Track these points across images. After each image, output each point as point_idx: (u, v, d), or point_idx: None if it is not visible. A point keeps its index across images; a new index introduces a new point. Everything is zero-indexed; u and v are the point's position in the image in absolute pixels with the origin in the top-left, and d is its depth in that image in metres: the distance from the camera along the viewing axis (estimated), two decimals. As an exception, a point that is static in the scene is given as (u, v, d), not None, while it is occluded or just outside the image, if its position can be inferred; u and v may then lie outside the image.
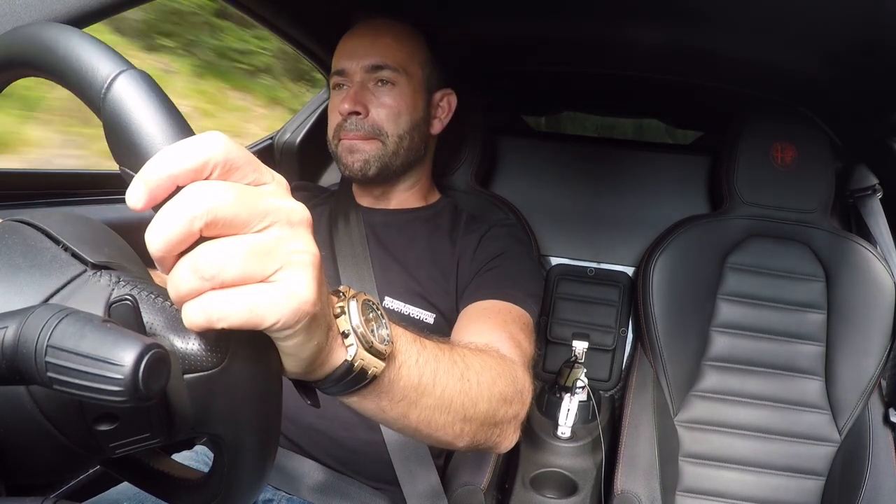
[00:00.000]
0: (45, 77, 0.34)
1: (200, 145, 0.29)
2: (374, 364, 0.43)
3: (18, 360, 0.27)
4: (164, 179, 0.29)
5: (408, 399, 0.49)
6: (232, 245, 0.30)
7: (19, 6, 0.52)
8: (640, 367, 1.29)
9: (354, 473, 0.88)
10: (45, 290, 0.33)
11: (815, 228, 1.26)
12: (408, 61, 0.94)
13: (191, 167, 0.29)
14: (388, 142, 0.92)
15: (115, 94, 0.30)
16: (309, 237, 0.34)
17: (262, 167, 0.32)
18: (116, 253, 0.37)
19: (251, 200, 0.30)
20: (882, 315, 1.20)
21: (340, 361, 0.41)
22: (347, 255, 0.93)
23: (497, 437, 0.63)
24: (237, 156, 0.30)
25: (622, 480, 1.09)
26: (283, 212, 0.32)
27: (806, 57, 1.14)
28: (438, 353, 0.53)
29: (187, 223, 0.28)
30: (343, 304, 0.42)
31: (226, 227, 0.30)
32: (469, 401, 0.55)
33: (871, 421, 1.19)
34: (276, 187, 0.33)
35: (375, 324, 0.44)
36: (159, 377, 0.27)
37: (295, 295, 0.32)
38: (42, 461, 0.34)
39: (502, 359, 0.66)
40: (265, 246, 0.31)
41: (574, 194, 1.53)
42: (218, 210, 0.29)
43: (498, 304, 0.83)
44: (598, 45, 1.30)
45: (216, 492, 0.39)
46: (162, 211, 0.29)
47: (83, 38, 0.32)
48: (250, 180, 0.31)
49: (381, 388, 0.46)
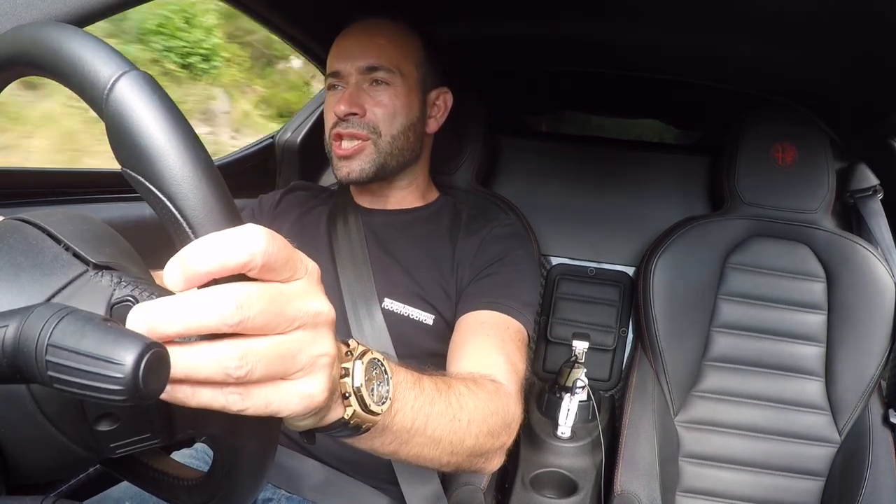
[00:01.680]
0: (47, 76, 0.34)
1: (244, 245, 0.30)
2: (370, 420, 0.45)
3: (19, 358, 0.27)
4: (203, 274, 0.29)
5: (399, 439, 0.52)
6: (260, 348, 0.31)
7: (20, 5, 0.52)
8: (640, 367, 1.29)
9: (355, 473, 0.88)
10: (47, 290, 0.33)
11: (815, 229, 1.26)
12: (402, 61, 0.94)
13: (231, 267, 0.29)
14: (382, 142, 0.92)
15: (117, 94, 0.30)
16: (330, 338, 0.36)
17: (298, 262, 0.33)
18: (117, 252, 0.37)
19: (282, 308, 0.31)
20: (882, 315, 1.20)
21: (337, 418, 0.43)
22: (346, 256, 0.93)
23: (482, 463, 0.66)
24: (277, 255, 0.31)
25: (622, 480, 1.08)
26: (310, 314, 0.33)
27: (806, 57, 1.14)
28: (434, 396, 0.56)
29: (216, 325, 0.29)
30: (348, 366, 0.43)
31: (254, 333, 0.31)
32: (457, 438, 0.58)
33: (872, 422, 1.19)
34: (307, 284, 0.34)
35: (377, 381, 0.46)
36: (159, 377, 0.27)
37: (309, 396, 0.34)
38: (42, 461, 0.34)
39: (496, 392, 0.68)
40: (290, 350, 0.32)
41: (575, 194, 1.53)
42: (250, 321, 0.30)
43: (495, 316, 0.84)
44: (599, 45, 1.30)
45: (216, 490, 0.39)
46: (193, 301, 0.29)
47: (86, 38, 0.32)
48: (286, 276, 0.32)
49: (375, 433, 0.48)
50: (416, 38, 0.97)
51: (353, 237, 0.95)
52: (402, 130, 0.94)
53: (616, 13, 1.13)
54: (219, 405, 0.31)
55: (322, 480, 0.87)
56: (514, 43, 1.35)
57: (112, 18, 0.59)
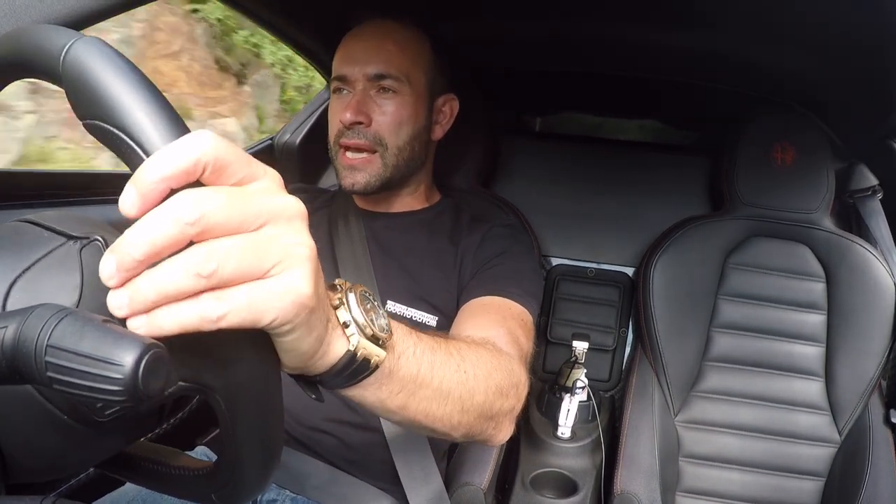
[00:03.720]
0: (12, 75, 0.36)
1: (190, 146, 0.29)
2: (376, 353, 0.43)
3: (18, 359, 0.27)
4: (156, 183, 0.29)
5: (407, 390, 0.49)
6: (228, 243, 0.30)
7: (19, 6, 0.52)
8: (640, 368, 1.29)
9: (358, 473, 0.89)
10: (25, 262, 0.34)
11: (815, 229, 1.26)
12: (411, 69, 0.92)
13: (182, 169, 0.29)
14: (388, 153, 0.91)
15: (71, 55, 0.32)
16: (304, 230, 0.33)
17: (254, 162, 0.32)
18: (101, 230, 0.38)
19: (243, 202, 0.30)
20: (882, 316, 1.20)
21: (343, 352, 0.41)
22: (348, 259, 0.93)
23: (493, 429, 0.63)
24: (227, 154, 0.30)
25: (622, 481, 1.08)
26: (277, 208, 0.32)
27: (806, 57, 1.14)
28: (434, 345, 0.54)
29: (179, 230, 0.28)
30: (341, 296, 0.42)
31: (219, 231, 0.29)
32: (466, 392, 0.56)
33: (872, 422, 1.19)
34: (269, 182, 0.32)
35: (374, 314, 0.44)
36: (159, 377, 0.27)
37: (293, 289, 0.32)
38: (39, 446, 0.34)
39: (498, 352, 0.66)
40: (260, 242, 0.31)
41: (574, 194, 1.53)
42: (210, 216, 0.29)
43: (497, 300, 0.83)
44: (599, 45, 1.30)
45: (226, 479, 0.39)
46: (151, 215, 0.28)
47: (34, 27, 0.34)
48: (241, 176, 0.31)
49: (382, 378, 0.46)
50: (425, 43, 0.95)
51: (354, 240, 0.95)
52: (407, 141, 0.92)
53: (616, 13, 1.13)
54: (196, 317, 0.29)
55: (326, 480, 0.87)
56: (514, 43, 1.35)
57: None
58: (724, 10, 1.03)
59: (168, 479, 0.43)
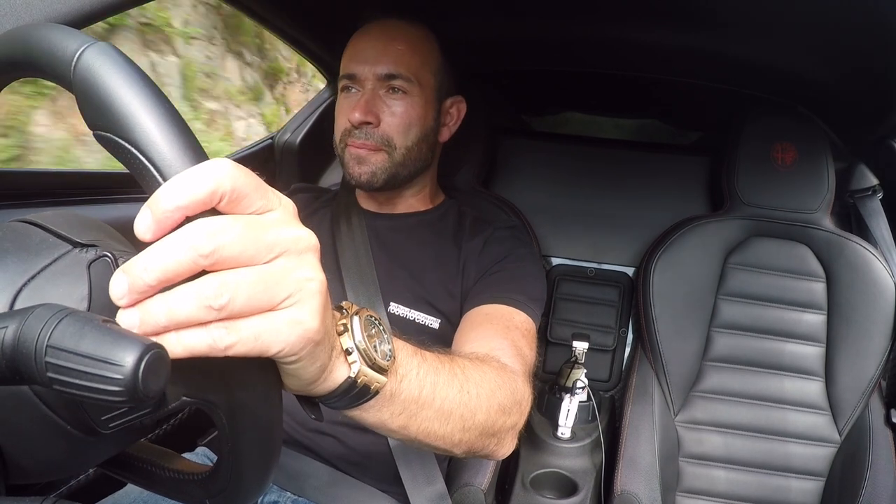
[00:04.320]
0: (21, 74, 0.35)
1: (209, 175, 0.29)
2: (377, 379, 0.44)
3: (18, 360, 0.27)
4: (172, 212, 0.29)
5: (408, 411, 0.50)
6: (241, 275, 0.30)
7: (19, 6, 0.52)
8: (640, 368, 1.29)
9: (359, 474, 0.88)
10: (32, 270, 0.33)
11: (815, 229, 1.26)
12: (421, 69, 0.91)
13: (200, 199, 0.29)
14: (396, 153, 0.91)
15: (83, 62, 0.31)
16: (316, 263, 0.34)
17: (269, 192, 0.32)
18: (104, 236, 0.38)
19: (257, 235, 0.30)
20: (882, 315, 1.20)
21: (343, 378, 0.42)
22: (351, 260, 0.92)
23: (494, 445, 0.63)
24: (244, 184, 0.30)
25: (622, 481, 1.08)
26: (290, 241, 0.32)
27: (806, 57, 1.14)
28: (438, 366, 0.54)
29: (192, 260, 0.28)
30: (346, 322, 0.43)
31: (232, 263, 0.30)
32: (468, 412, 0.56)
33: (872, 422, 1.19)
34: (283, 213, 0.33)
35: (378, 339, 0.45)
36: (159, 377, 0.27)
37: (300, 323, 0.32)
38: (40, 451, 0.34)
39: (502, 369, 0.66)
40: (272, 276, 0.31)
41: (574, 194, 1.53)
42: (224, 249, 0.29)
43: (500, 308, 0.83)
44: (599, 45, 1.30)
45: (224, 483, 0.39)
46: (166, 242, 0.28)
47: (48, 26, 0.33)
48: (257, 208, 0.31)
49: (383, 401, 0.47)
50: (434, 44, 0.95)
51: (357, 241, 0.94)
52: (416, 142, 0.92)
53: (616, 13, 1.13)
54: (205, 345, 0.29)
55: (327, 482, 0.86)
56: (514, 43, 1.35)
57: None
58: (724, 10, 1.03)
59: (163, 481, 0.43)
